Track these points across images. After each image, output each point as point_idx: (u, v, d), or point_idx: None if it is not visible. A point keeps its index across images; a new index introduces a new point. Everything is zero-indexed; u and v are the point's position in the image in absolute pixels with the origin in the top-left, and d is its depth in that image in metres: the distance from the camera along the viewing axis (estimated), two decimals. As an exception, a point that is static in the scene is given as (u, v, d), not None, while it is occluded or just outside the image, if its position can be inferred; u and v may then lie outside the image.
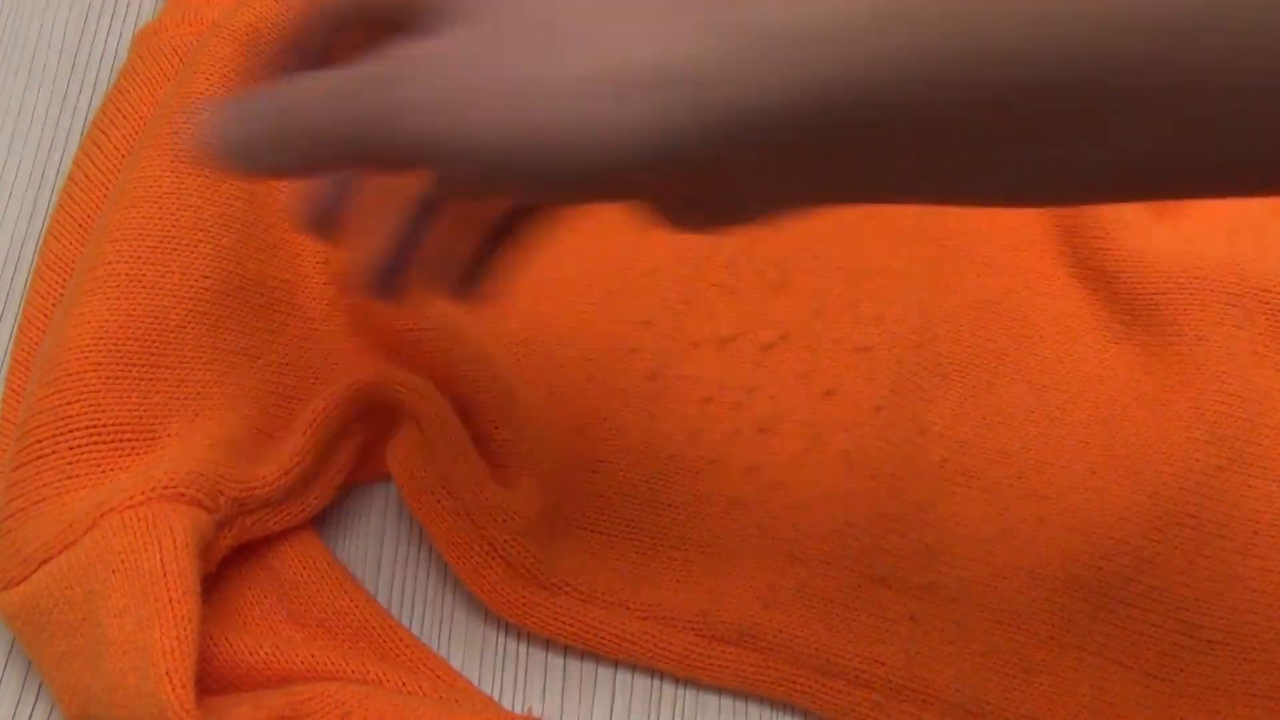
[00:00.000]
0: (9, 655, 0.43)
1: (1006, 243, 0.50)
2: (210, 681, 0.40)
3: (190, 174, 0.43)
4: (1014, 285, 0.49)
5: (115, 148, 0.47)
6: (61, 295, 0.45)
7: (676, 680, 0.44)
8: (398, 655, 0.42)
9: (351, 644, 0.42)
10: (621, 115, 0.26)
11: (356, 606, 0.43)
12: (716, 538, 0.45)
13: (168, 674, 0.34)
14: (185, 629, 0.35)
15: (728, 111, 0.26)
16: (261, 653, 0.41)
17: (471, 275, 0.35)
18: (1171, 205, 0.50)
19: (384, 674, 0.41)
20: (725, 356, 0.48)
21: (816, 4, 0.25)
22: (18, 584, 0.38)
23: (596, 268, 0.49)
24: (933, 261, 0.49)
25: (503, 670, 0.44)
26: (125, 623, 0.35)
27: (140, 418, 0.41)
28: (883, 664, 0.43)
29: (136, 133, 0.47)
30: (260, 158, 0.30)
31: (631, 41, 0.26)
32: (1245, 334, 0.47)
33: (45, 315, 0.45)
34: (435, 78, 0.27)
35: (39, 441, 0.40)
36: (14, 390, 0.45)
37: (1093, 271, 0.49)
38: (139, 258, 0.42)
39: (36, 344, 0.44)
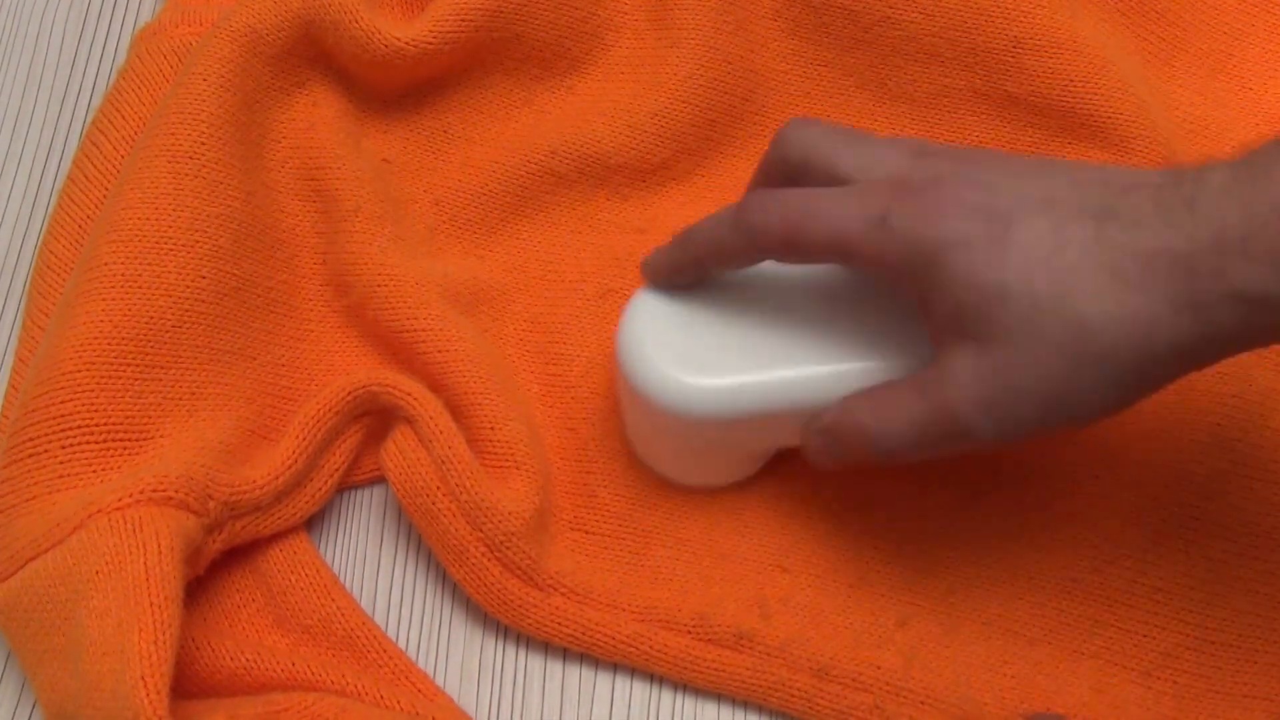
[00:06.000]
0: (9, 655, 0.43)
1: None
2: (189, 685, 0.40)
3: (188, 175, 0.43)
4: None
5: (114, 148, 0.47)
6: (61, 295, 0.45)
7: (675, 686, 0.44)
8: (380, 666, 0.42)
9: (334, 653, 0.42)
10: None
11: (342, 614, 0.42)
12: (706, 539, 0.45)
13: (143, 678, 0.34)
14: (164, 634, 0.35)
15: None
16: (243, 658, 0.41)
17: None
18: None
19: (363, 686, 0.41)
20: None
21: None
22: (4, 580, 0.39)
23: (593, 266, 0.49)
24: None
25: (500, 673, 0.44)
26: (105, 624, 0.35)
27: (134, 417, 0.41)
28: (879, 667, 0.42)
29: (135, 133, 0.47)
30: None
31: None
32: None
33: (46, 315, 0.45)
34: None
35: (32, 440, 0.40)
36: (16, 389, 0.45)
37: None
38: (136, 258, 0.42)
39: (39, 344, 0.44)
